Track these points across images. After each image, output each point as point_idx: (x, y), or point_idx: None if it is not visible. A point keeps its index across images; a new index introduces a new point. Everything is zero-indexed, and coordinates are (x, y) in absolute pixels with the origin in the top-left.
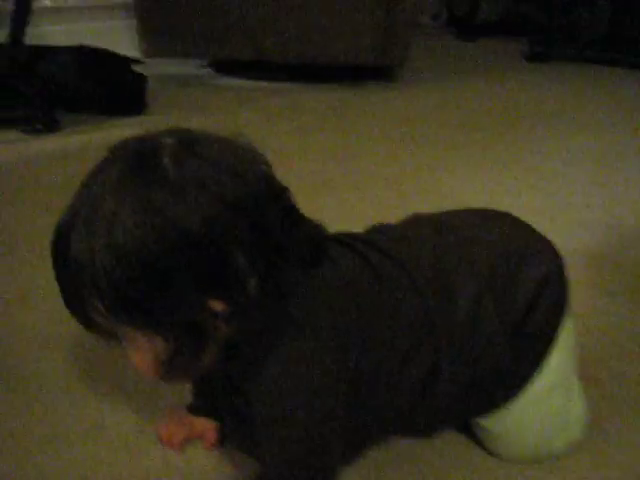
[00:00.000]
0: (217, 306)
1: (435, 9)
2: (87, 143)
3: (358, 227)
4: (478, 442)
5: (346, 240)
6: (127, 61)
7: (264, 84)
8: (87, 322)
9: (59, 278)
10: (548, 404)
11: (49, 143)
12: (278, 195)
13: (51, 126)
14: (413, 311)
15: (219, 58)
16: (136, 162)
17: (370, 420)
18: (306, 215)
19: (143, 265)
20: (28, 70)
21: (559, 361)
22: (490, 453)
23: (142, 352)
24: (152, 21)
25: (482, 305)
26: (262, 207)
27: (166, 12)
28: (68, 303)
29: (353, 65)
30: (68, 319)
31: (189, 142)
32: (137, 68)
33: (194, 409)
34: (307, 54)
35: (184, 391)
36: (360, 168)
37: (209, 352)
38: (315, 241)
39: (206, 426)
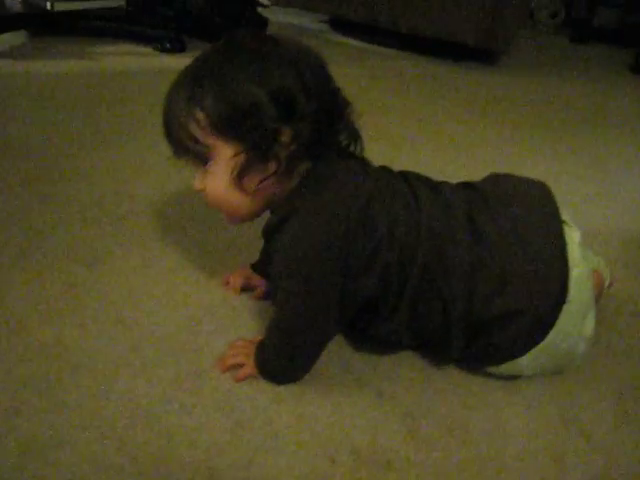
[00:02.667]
0: (285, 134)
1: (554, 7)
2: None
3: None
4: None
5: (390, 169)
6: (254, 3)
7: (373, 47)
8: (181, 148)
9: (166, 115)
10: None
11: (175, 60)
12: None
13: (179, 47)
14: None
15: (336, 15)
16: (253, 44)
17: (354, 297)
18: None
19: (247, 102)
20: None
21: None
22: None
23: (220, 172)
24: None
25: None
26: (332, 95)
27: None
28: (169, 135)
29: (458, 43)
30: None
31: (275, 38)
32: (261, 11)
33: (255, 267)
34: (417, 26)
35: (250, 252)
36: (439, 133)
37: (268, 177)
38: (354, 136)
39: (259, 282)
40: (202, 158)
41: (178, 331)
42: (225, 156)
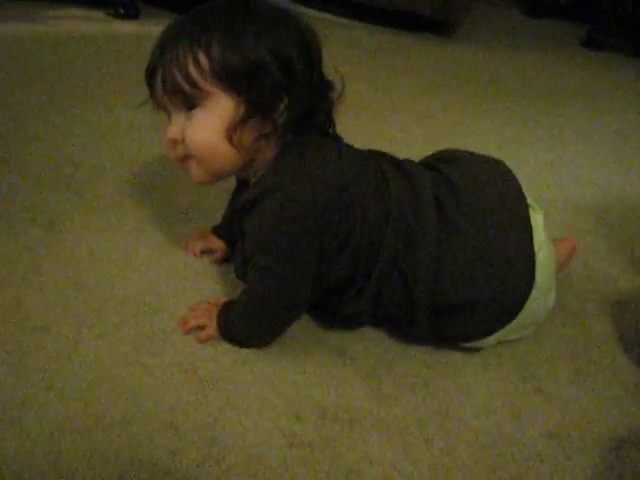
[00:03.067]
0: (283, 101)
1: None
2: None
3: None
4: None
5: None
6: None
7: (326, 16)
8: (170, 89)
9: (160, 52)
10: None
11: (128, 26)
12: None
13: (132, 13)
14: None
15: None
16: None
17: (326, 277)
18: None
19: (255, 59)
20: None
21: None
22: None
23: (211, 120)
24: None
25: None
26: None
27: None
28: (159, 72)
29: (412, 14)
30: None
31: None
32: None
33: (216, 230)
34: None
35: (211, 216)
36: (395, 102)
37: (261, 137)
38: (330, 118)
39: (219, 246)
40: (190, 103)
41: (139, 294)
42: (221, 105)
